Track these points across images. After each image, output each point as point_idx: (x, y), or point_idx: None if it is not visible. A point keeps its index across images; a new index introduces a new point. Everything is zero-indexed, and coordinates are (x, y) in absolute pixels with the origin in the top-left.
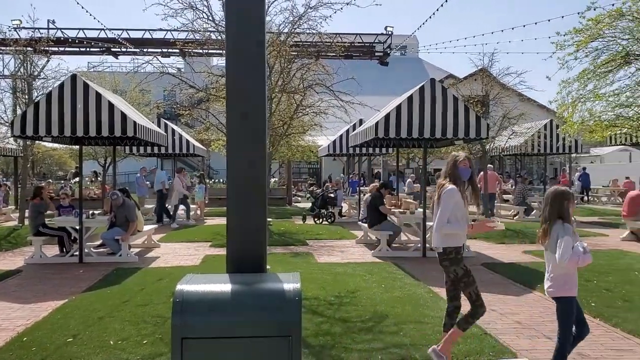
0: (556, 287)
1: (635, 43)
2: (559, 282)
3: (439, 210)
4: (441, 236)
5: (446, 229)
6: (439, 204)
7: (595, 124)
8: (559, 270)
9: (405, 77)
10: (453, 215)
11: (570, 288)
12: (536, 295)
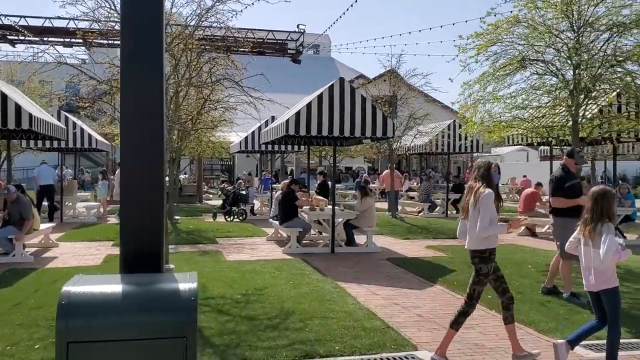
0: (603, 281)
1: (530, 48)
2: (606, 276)
3: (481, 213)
4: (481, 238)
5: (490, 230)
6: (476, 207)
7: (494, 125)
8: (601, 266)
9: (318, 76)
10: (493, 217)
11: (615, 279)
12: (437, 289)
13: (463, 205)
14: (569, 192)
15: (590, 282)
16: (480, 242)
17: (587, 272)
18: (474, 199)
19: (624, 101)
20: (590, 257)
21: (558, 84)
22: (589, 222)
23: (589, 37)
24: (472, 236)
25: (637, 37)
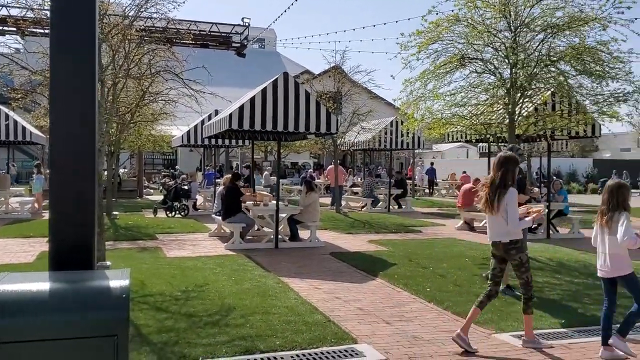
0: (618, 268)
1: (470, 47)
2: (621, 264)
3: (509, 210)
4: (512, 231)
5: (523, 225)
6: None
7: (434, 122)
8: (617, 251)
9: (264, 71)
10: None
11: (630, 266)
12: (378, 282)
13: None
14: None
15: (605, 269)
16: (514, 234)
17: (602, 259)
18: (498, 196)
19: (558, 100)
20: (606, 244)
21: (496, 82)
22: (605, 212)
23: (525, 37)
24: (504, 229)
25: (569, 38)
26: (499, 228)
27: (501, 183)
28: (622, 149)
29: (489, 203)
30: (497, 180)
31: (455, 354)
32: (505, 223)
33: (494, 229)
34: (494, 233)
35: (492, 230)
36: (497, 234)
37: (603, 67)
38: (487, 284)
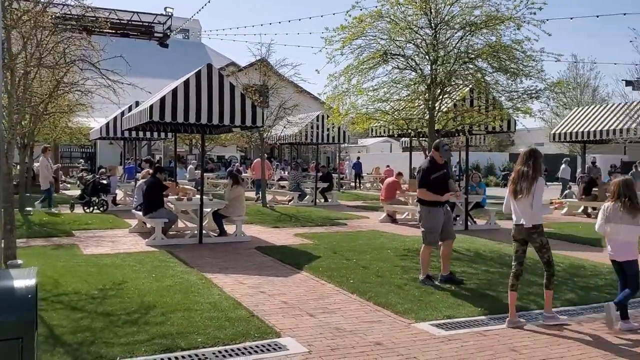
0: (628, 253)
1: (392, 43)
2: (631, 250)
3: (536, 198)
4: (535, 217)
5: (544, 212)
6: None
7: (357, 117)
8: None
9: (188, 62)
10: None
11: (637, 253)
12: (303, 275)
13: (516, 188)
14: (435, 184)
15: (615, 254)
16: (537, 219)
17: (614, 246)
18: (528, 183)
19: (476, 96)
20: (618, 233)
21: (417, 78)
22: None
23: (445, 35)
24: (529, 215)
25: (486, 36)
26: (524, 213)
27: (534, 173)
28: (536, 143)
29: (519, 190)
30: (529, 170)
31: (377, 344)
32: (529, 208)
33: (520, 213)
34: (519, 217)
35: (517, 215)
36: (521, 217)
37: (517, 65)
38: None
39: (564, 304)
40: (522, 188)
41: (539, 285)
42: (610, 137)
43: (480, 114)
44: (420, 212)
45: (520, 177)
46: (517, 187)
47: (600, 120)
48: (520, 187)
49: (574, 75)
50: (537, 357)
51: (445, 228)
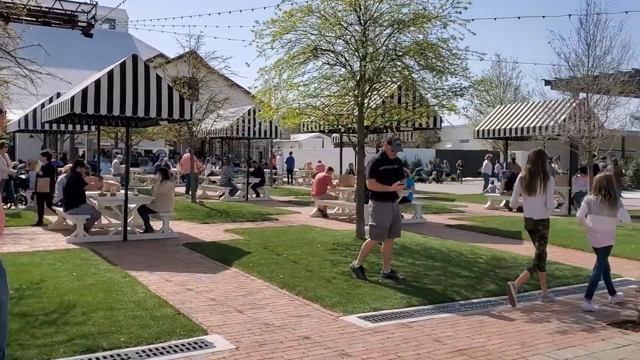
0: (609, 239)
1: (322, 39)
2: (610, 237)
3: (548, 194)
4: (545, 211)
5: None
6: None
7: (288, 111)
8: (607, 228)
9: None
10: None
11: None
12: (232, 272)
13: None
14: (383, 176)
15: (597, 242)
16: (546, 213)
17: (596, 234)
18: (541, 182)
19: (403, 93)
20: (603, 223)
21: (346, 74)
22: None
23: (374, 32)
24: (541, 209)
25: (413, 34)
26: (535, 207)
27: (545, 173)
28: (461, 140)
29: (533, 187)
30: (539, 170)
31: (305, 338)
32: (541, 203)
33: (531, 207)
34: (529, 210)
35: (528, 209)
36: (531, 211)
37: (443, 63)
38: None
39: (485, 294)
40: (537, 186)
41: (462, 277)
42: (530, 134)
43: (407, 110)
44: (370, 206)
45: (532, 175)
46: (531, 185)
47: (521, 118)
48: (534, 185)
49: (497, 74)
50: (460, 346)
51: (394, 225)
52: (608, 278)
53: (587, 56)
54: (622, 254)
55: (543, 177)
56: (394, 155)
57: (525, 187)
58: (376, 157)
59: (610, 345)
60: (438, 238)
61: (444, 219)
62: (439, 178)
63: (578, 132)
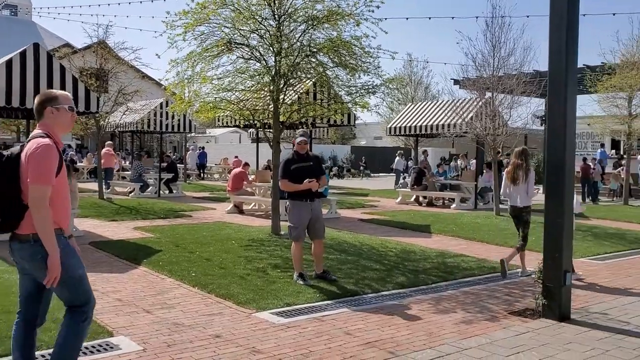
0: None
1: (236, 32)
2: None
3: (529, 183)
4: (527, 199)
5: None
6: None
7: (201, 105)
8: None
9: (15, 41)
10: None
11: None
12: (141, 271)
13: (514, 176)
14: (295, 175)
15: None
16: (528, 201)
17: (516, 199)
18: (524, 173)
19: (318, 90)
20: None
21: (261, 69)
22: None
23: (289, 27)
24: (524, 197)
25: (328, 31)
26: (519, 196)
27: (528, 166)
28: (375, 137)
29: (517, 178)
30: (523, 163)
31: (216, 337)
32: (524, 192)
33: (517, 196)
34: (514, 198)
35: (513, 197)
36: (516, 200)
37: (356, 61)
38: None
39: (395, 287)
40: (520, 177)
41: (374, 270)
42: (439, 131)
43: (322, 107)
44: (287, 205)
45: (517, 168)
46: (515, 176)
47: (431, 116)
48: (518, 176)
49: (409, 72)
50: (370, 338)
51: (313, 226)
52: None
53: (492, 57)
54: None
55: (525, 170)
56: (304, 151)
57: (511, 178)
58: (288, 157)
59: (511, 333)
60: (351, 232)
61: (358, 213)
62: (340, 174)
63: (484, 130)
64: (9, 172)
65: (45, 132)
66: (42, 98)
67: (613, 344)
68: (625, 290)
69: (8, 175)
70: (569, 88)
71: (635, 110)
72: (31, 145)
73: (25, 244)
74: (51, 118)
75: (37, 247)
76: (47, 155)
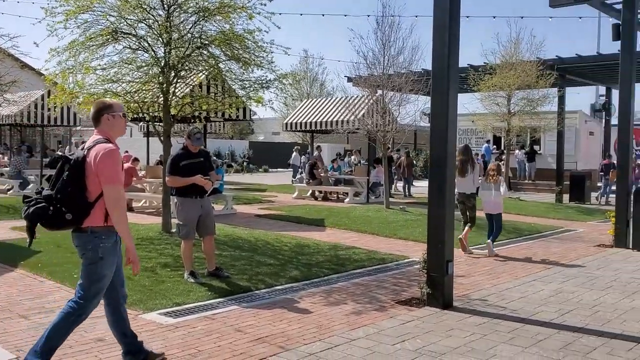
0: (498, 208)
1: (122, 21)
2: (499, 206)
3: (474, 175)
4: (472, 187)
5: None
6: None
7: (85, 97)
8: (499, 200)
9: None
10: None
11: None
12: (17, 274)
13: (462, 169)
14: (185, 171)
15: (490, 209)
16: (473, 189)
17: (489, 204)
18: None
19: (212, 83)
20: (492, 194)
21: (150, 60)
22: (494, 175)
23: (179, 18)
24: (470, 186)
25: (220, 24)
26: (466, 185)
27: (472, 160)
28: (273, 132)
29: (465, 171)
30: (467, 159)
31: (98, 340)
32: (471, 182)
33: (463, 185)
34: (462, 188)
35: (461, 187)
36: (464, 188)
37: (250, 55)
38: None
39: (289, 281)
40: (467, 170)
41: (268, 265)
42: (333, 127)
43: (216, 101)
44: (176, 203)
45: (464, 163)
46: (463, 169)
47: (326, 112)
48: (466, 169)
49: (305, 69)
50: (261, 334)
51: (203, 222)
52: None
53: (383, 55)
54: (410, 237)
55: (471, 163)
56: (196, 149)
57: (459, 171)
58: (177, 152)
59: (397, 322)
60: (247, 228)
61: (255, 209)
62: (239, 169)
63: (375, 126)
64: (77, 173)
65: (105, 137)
66: (99, 107)
67: (490, 329)
68: (503, 277)
69: (77, 177)
70: (450, 87)
71: (513, 108)
72: (99, 150)
73: (83, 235)
74: (108, 124)
75: (91, 238)
76: (116, 159)
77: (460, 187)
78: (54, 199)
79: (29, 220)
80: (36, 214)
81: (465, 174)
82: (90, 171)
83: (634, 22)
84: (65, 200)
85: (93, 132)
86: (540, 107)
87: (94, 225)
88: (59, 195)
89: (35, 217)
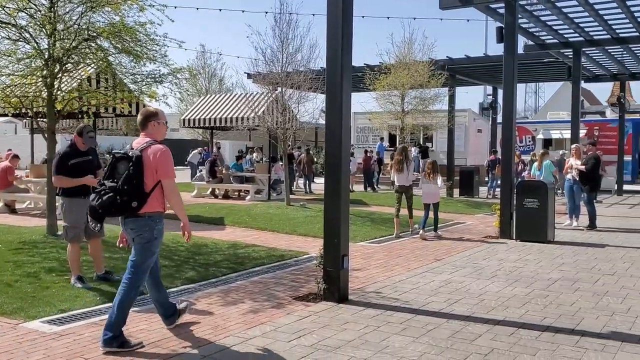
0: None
1: (1, 10)
2: (437, 196)
3: (409, 171)
4: (409, 181)
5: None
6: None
7: None
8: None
9: None
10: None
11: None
12: None
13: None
14: (73, 170)
15: (429, 199)
16: (409, 182)
17: (429, 195)
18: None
19: (102, 77)
20: (432, 187)
21: (32, 52)
22: (432, 171)
23: (65, 9)
24: (407, 180)
25: (109, 15)
26: (405, 179)
27: (408, 158)
28: (172, 129)
29: (401, 169)
30: (404, 159)
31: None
32: (407, 177)
33: (402, 179)
34: (401, 181)
35: (400, 180)
36: (402, 182)
37: (141, 48)
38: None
39: (184, 282)
40: (404, 167)
41: (162, 267)
42: (233, 124)
43: (106, 95)
44: (62, 204)
45: (401, 162)
46: (401, 167)
47: (225, 109)
48: (403, 167)
49: (203, 64)
50: (154, 339)
51: None
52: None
53: (281, 52)
54: (310, 234)
55: (406, 162)
56: (85, 147)
57: (397, 168)
58: (65, 150)
59: (294, 318)
60: None
61: None
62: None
63: (275, 124)
64: (139, 168)
65: (154, 139)
66: (147, 114)
67: (384, 321)
68: (397, 270)
69: (139, 171)
70: (344, 86)
71: (407, 107)
72: (157, 150)
73: (140, 219)
74: (154, 129)
75: (148, 222)
76: (170, 157)
77: (399, 181)
78: (120, 190)
79: (101, 208)
80: (108, 202)
81: (403, 170)
82: (147, 167)
83: (515, 26)
84: (131, 191)
85: None
86: (432, 105)
87: (150, 211)
88: (125, 187)
89: (108, 205)
